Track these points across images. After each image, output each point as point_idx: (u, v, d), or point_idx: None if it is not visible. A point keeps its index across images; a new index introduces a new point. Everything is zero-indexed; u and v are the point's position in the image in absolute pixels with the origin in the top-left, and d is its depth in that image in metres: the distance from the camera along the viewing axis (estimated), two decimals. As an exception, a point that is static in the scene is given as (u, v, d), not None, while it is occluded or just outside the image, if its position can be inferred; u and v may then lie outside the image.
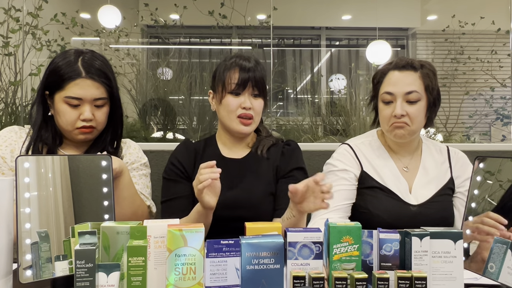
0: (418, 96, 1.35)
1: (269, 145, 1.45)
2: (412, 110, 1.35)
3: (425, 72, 1.38)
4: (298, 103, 4.78)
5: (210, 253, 0.91)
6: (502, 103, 4.75)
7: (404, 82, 1.36)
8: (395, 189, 1.39)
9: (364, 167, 1.42)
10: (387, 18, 5.48)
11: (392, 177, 1.41)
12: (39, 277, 0.94)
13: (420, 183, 1.42)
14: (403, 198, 1.39)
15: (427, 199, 1.39)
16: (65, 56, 1.31)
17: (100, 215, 1.03)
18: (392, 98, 1.36)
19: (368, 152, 1.45)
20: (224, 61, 1.43)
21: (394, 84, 1.37)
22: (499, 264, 0.96)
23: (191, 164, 1.42)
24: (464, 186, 1.42)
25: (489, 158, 1.08)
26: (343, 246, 0.95)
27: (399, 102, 1.35)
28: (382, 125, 1.43)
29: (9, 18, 2.68)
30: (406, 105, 1.35)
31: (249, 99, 1.37)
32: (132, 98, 3.25)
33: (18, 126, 1.39)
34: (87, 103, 1.28)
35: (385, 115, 1.38)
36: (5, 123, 2.44)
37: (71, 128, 1.30)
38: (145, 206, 1.37)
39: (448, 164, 1.46)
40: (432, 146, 1.50)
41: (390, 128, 1.38)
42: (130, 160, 1.42)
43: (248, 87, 1.37)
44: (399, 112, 1.34)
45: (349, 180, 1.41)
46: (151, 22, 4.35)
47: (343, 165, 1.43)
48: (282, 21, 5.16)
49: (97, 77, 1.28)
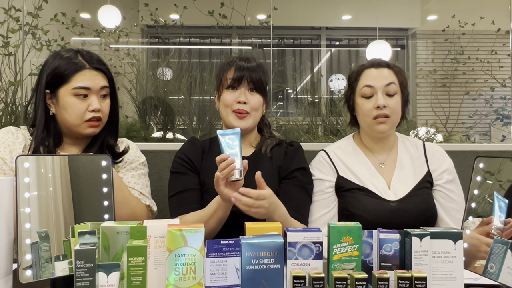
0: (395, 88, 1.42)
1: (273, 145, 1.47)
2: (392, 102, 1.41)
3: (397, 70, 1.46)
4: (298, 103, 4.77)
5: (210, 253, 0.91)
6: (502, 103, 4.74)
7: (383, 76, 1.43)
8: (372, 187, 1.42)
9: (340, 172, 1.47)
10: (387, 18, 5.47)
11: (369, 176, 1.45)
12: (39, 277, 0.94)
13: (397, 179, 1.45)
14: (382, 195, 1.41)
15: (405, 194, 1.41)
16: (61, 54, 1.33)
17: (100, 215, 1.03)
18: (373, 91, 1.42)
19: (343, 156, 1.49)
20: (225, 61, 1.47)
21: (373, 79, 1.43)
22: (499, 264, 0.96)
23: (199, 159, 1.45)
24: (442, 178, 1.45)
25: (489, 158, 1.08)
26: (343, 246, 0.95)
27: (379, 94, 1.40)
28: (362, 120, 1.47)
29: (9, 18, 2.68)
30: (386, 98, 1.41)
31: (244, 94, 1.40)
32: (132, 98, 3.25)
33: (15, 127, 1.39)
34: (94, 94, 1.31)
35: (367, 108, 1.42)
36: (5, 123, 2.43)
37: (80, 121, 1.31)
38: (142, 206, 1.37)
39: (424, 158, 1.49)
40: (408, 142, 1.53)
41: (373, 122, 1.42)
42: (129, 159, 1.43)
43: (244, 82, 1.40)
44: (382, 103, 1.38)
45: (322, 190, 1.45)
46: (151, 22, 4.34)
47: (319, 173, 1.47)
48: (282, 21, 5.16)
49: (99, 66, 1.33)
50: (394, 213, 1.37)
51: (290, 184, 1.41)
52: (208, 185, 1.39)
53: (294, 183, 1.41)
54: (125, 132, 2.75)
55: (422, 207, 1.40)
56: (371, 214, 1.37)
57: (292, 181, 1.41)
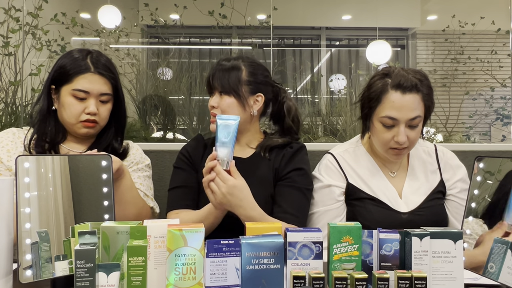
0: (420, 120, 1.31)
1: (272, 146, 1.43)
2: (413, 134, 1.31)
3: (426, 92, 1.30)
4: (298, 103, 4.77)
5: (210, 253, 0.91)
6: (502, 103, 4.74)
7: (409, 108, 1.27)
8: (383, 197, 1.37)
9: (349, 179, 1.39)
10: (387, 18, 5.48)
11: (380, 185, 1.38)
12: (39, 277, 0.94)
13: (409, 188, 1.39)
14: (393, 206, 1.36)
15: (417, 205, 1.36)
16: (73, 53, 1.35)
17: (100, 215, 1.03)
18: (395, 123, 1.29)
19: (352, 162, 1.41)
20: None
21: (398, 110, 1.27)
22: (499, 264, 0.96)
23: (199, 156, 1.46)
24: (456, 187, 1.40)
25: (489, 158, 1.08)
26: (343, 246, 0.95)
27: (402, 128, 1.28)
28: (377, 144, 1.37)
29: (9, 18, 2.68)
30: (407, 130, 1.30)
31: (216, 98, 1.41)
32: (132, 98, 3.25)
33: (16, 128, 1.40)
34: (93, 97, 1.31)
35: (385, 138, 1.32)
36: (5, 123, 2.43)
37: (75, 121, 1.31)
38: (148, 207, 1.38)
39: (437, 166, 1.43)
40: (420, 147, 1.46)
41: (389, 151, 1.34)
42: (135, 160, 1.43)
43: (214, 86, 1.40)
44: (403, 140, 1.28)
45: (335, 198, 1.38)
46: (151, 22, 4.34)
47: (328, 179, 1.39)
48: (282, 21, 5.16)
49: (104, 72, 1.33)
50: (405, 226, 1.31)
51: (283, 185, 1.37)
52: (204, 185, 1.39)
53: (288, 183, 1.37)
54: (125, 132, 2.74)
55: (433, 219, 1.34)
56: (381, 225, 1.32)
57: (286, 182, 1.37)
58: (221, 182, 1.17)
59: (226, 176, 1.18)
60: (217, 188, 1.18)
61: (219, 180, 1.17)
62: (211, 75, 1.42)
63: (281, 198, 1.36)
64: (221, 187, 1.17)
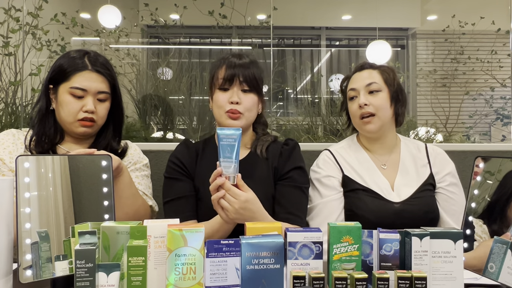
0: (378, 86, 1.45)
1: (268, 144, 1.43)
2: (375, 99, 1.44)
3: (383, 69, 1.49)
4: (298, 103, 4.77)
5: (210, 253, 0.91)
6: (502, 103, 4.75)
7: (364, 77, 1.47)
8: (376, 188, 1.43)
9: (345, 171, 1.47)
10: (387, 18, 5.47)
11: (373, 177, 1.45)
12: (39, 277, 0.94)
13: (400, 180, 1.45)
14: (385, 196, 1.42)
15: (409, 196, 1.42)
16: (70, 53, 1.35)
17: (100, 215, 1.03)
18: (356, 93, 1.47)
19: (347, 156, 1.50)
20: (216, 60, 1.43)
21: (355, 81, 1.49)
22: (499, 264, 0.96)
23: (193, 163, 1.41)
24: (445, 181, 1.46)
25: (489, 158, 1.08)
26: (343, 246, 0.95)
27: (361, 94, 1.45)
28: (354, 122, 1.51)
29: (9, 18, 2.68)
30: (368, 96, 1.45)
31: (237, 94, 1.34)
32: (132, 98, 3.25)
33: (16, 129, 1.40)
34: (90, 96, 1.31)
35: (353, 109, 1.48)
36: (5, 123, 2.43)
37: (72, 119, 1.31)
38: (147, 205, 1.38)
39: (426, 160, 1.49)
40: (410, 144, 1.54)
41: (360, 122, 1.46)
42: (133, 159, 1.43)
43: (235, 82, 1.34)
44: (362, 101, 1.43)
45: (335, 188, 1.45)
46: (151, 22, 4.35)
47: (327, 171, 1.48)
48: (282, 21, 5.16)
49: (102, 70, 1.33)
50: (398, 215, 1.37)
51: (285, 185, 1.37)
52: (202, 193, 1.36)
53: (290, 183, 1.37)
54: (125, 132, 2.73)
55: (425, 209, 1.40)
56: (375, 214, 1.37)
57: (287, 182, 1.37)
58: (233, 198, 1.12)
59: (237, 192, 1.13)
60: (228, 205, 1.13)
61: (230, 197, 1.12)
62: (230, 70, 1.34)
63: (284, 198, 1.35)
64: (234, 203, 1.12)
